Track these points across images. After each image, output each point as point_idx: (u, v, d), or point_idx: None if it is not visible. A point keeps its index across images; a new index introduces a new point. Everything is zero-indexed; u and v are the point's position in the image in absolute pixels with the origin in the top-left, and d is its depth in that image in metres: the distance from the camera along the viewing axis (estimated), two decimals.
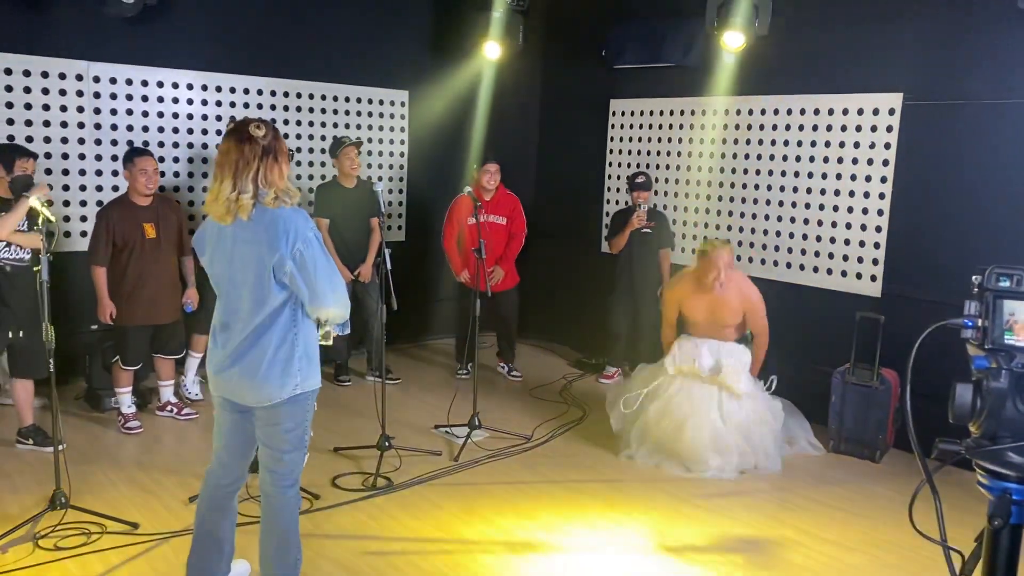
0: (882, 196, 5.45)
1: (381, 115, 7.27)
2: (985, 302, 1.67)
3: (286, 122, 6.73)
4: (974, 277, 1.68)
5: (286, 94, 6.70)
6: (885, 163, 5.43)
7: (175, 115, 6.18)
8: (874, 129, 5.47)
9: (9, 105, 5.49)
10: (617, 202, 6.82)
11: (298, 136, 6.82)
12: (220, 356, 3.01)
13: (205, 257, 3.03)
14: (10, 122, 5.48)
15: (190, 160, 6.29)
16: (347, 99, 7.04)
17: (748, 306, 5.06)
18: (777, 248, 6.05)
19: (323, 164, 6.98)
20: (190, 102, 6.24)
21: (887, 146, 5.41)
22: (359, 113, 7.13)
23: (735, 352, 5.01)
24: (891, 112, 5.37)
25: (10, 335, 4.64)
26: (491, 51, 7.06)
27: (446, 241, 6.56)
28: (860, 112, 5.53)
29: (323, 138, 6.94)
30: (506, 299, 6.65)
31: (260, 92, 6.56)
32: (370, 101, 7.18)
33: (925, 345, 1.75)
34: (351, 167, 6.12)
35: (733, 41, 5.71)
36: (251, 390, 2.96)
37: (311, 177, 6.93)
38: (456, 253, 6.55)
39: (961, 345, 1.77)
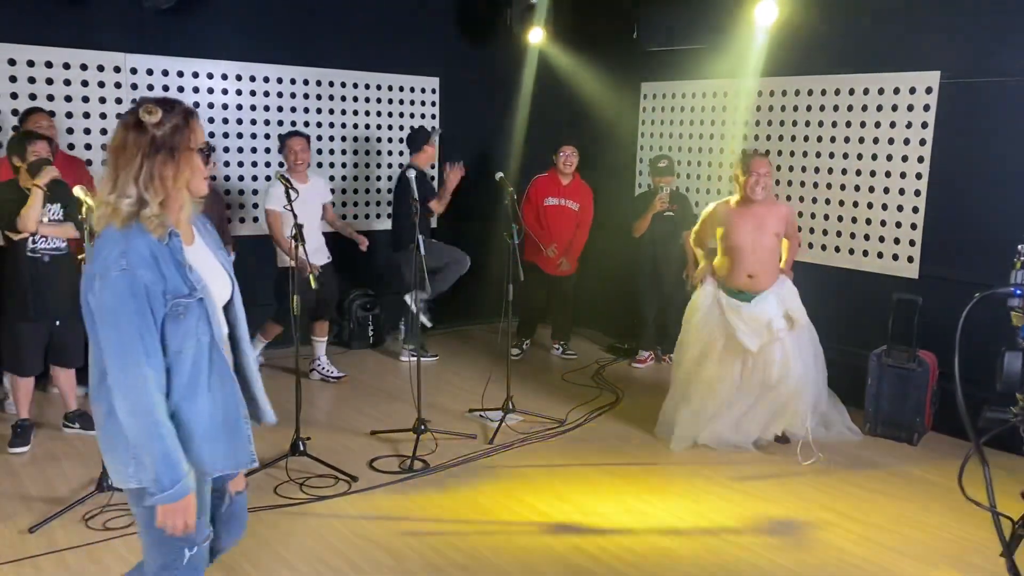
0: (919, 176, 5.38)
1: (412, 103, 7.30)
2: None
3: (319, 111, 6.79)
4: (1020, 247, 1.68)
5: (318, 83, 6.76)
6: (922, 143, 5.35)
7: (210, 105, 6.27)
8: (911, 108, 5.39)
9: (50, 98, 5.61)
10: (650, 186, 6.79)
11: (331, 124, 6.88)
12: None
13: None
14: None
15: (225, 149, 6.37)
16: (379, 87, 7.09)
17: (789, 215, 4.97)
18: (812, 230, 5.99)
19: (356, 152, 7.03)
20: (224, 92, 6.33)
21: (924, 125, 5.33)
22: (391, 101, 7.17)
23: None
24: (928, 91, 5.29)
25: (56, 323, 4.66)
26: (521, 36, 7.05)
27: (525, 220, 6.51)
28: (896, 91, 5.45)
29: (355, 126, 7.00)
30: (566, 282, 6.88)
31: (293, 81, 6.63)
32: (401, 89, 7.22)
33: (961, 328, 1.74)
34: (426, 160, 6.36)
35: (765, 18, 5.64)
36: None
37: (344, 165, 6.99)
38: (538, 230, 6.66)
39: (995, 327, 1.77)
